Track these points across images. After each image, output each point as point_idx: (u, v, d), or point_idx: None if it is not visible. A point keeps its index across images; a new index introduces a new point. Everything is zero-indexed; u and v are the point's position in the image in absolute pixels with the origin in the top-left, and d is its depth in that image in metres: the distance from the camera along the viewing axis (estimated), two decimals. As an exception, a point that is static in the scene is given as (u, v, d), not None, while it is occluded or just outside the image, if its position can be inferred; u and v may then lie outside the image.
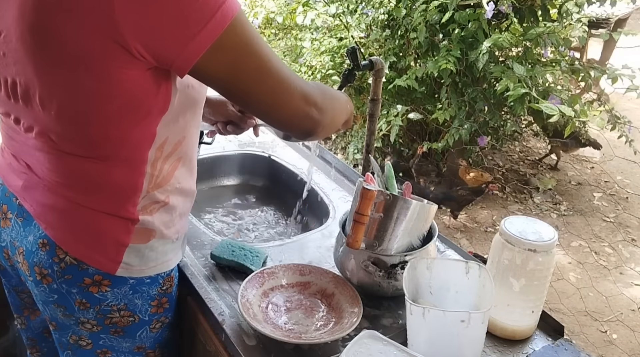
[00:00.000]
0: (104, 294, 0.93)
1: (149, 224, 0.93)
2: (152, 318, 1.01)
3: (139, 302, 0.97)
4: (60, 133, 0.85)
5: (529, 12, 2.87)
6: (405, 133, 3.36)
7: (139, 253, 0.93)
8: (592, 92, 3.21)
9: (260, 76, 0.79)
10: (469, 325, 0.84)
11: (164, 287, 1.00)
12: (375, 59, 1.43)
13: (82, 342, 1.00)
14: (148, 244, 0.94)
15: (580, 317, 2.49)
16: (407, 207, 1.01)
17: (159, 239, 0.95)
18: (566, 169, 3.86)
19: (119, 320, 0.97)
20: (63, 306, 0.95)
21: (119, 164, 0.87)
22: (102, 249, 0.91)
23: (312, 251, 1.21)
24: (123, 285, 0.94)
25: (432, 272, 0.97)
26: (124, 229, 0.91)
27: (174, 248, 1.00)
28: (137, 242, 0.93)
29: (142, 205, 0.91)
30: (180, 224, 1.00)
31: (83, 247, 0.91)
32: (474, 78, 2.92)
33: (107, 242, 0.91)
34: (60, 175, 0.89)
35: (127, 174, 0.88)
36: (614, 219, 3.32)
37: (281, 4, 3.76)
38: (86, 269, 0.91)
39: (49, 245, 0.91)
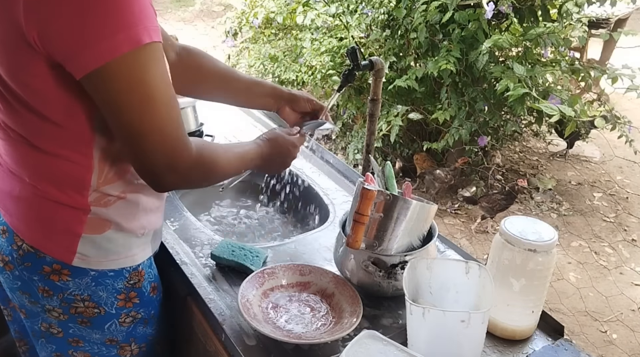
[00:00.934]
0: (65, 283, 0.93)
1: (103, 215, 0.92)
2: (120, 312, 1.00)
3: (103, 295, 0.96)
4: (5, 120, 0.87)
5: (529, 12, 2.87)
6: (405, 133, 3.36)
7: (95, 244, 0.92)
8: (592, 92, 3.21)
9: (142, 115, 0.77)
10: (469, 325, 0.84)
11: (132, 282, 0.99)
12: (375, 59, 1.44)
13: (52, 329, 1.00)
14: (104, 235, 0.93)
15: (580, 317, 2.49)
16: (407, 207, 1.01)
17: (117, 231, 0.94)
18: (566, 169, 3.86)
19: (84, 310, 0.96)
20: (27, 293, 0.95)
21: (63, 158, 0.87)
22: (56, 238, 0.91)
23: (312, 251, 1.21)
24: (84, 276, 0.93)
25: (432, 272, 0.97)
26: (76, 218, 0.90)
27: (139, 243, 0.99)
28: (90, 233, 0.92)
29: (93, 197, 0.90)
30: (147, 219, 0.99)
31: (38, 236, 0.91)
32: (474, 78, 2.92)
33: (60, 231, 0.91)
34: (14, 161, 0.91)
35: (72, 169, 0.88)
36: (614, 219, 3.32)
37: (281, 4, 3.76)
38: (43, 257, 0.91)
39: (8, 232, 0.93)
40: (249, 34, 4.17)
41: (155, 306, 1.07)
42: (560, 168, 3.88)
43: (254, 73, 3.98)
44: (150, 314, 1.06)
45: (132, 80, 0.75)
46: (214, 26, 4.66)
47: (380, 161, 3.50)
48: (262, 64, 3.79)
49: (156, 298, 1.06)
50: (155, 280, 1.06)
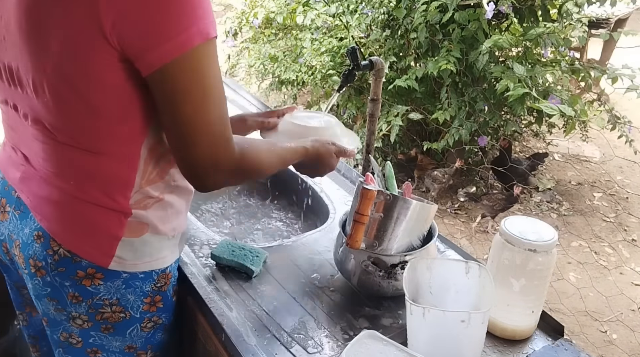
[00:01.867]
0: (96, 287, 0.93)
1: (143, 218, 0.93)
2: (144, 316, 1.00)
3: (131, 298, 0.96)
4: (52, 122, 0.86)
5: (529, 12, 2.87)
6: (405, 133, 3.36)
7: (132, 247, 0.93)
8: (592, 92, 3.21)
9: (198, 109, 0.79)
10: (469, 325, 0.84)
11: (158, 285, 0.99)
12: (375, 59, 1.43)
13: (72, 339, 0.99)
14: (141, 238, 0.94)
15: (580, 317, 2.49)
16: (407, 207, 1.01)
17: (153, 234, 0.95)
18: (566, 169, 3.86)
19: (110, 315, 0.96)
20: (55, 299, 0.95)
21: (111, 157, 0.87)
22: (95, 242, 0.91)
23: (312, 251, 1.21)
24: (116, 279, 0.94)
25: (432, 272, 0.97)
26: (116, 222, 0.91)
27: (169, 245, 1.00)
28: (130, 236, 0.92)
29: (135, 199, 0.91)
30: (177, 221, 1.00)
31: (76, 240, 0.91)
32: (474, 78, 2.92)
33: (100, 235, 0.91)
34: (55, 166, 0.90)
35: (119, 168, 0.88)
36: (614, 219, 3.32)
37: (281, 4, 3.76)
38: (79, 262, 0.91)
39: (44, 237, 0.91)
40: (249, 34, 4.18)
41: (173, 312, 1.07)
42: (560, 168, 3.88)
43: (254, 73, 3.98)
44: (170, 319, 1.06)
45: (197, 74, 0.77)
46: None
47: (380, 161, 3.50)
48: (262, 64, 3.79)
49: (175, 303, 1.06)
50: (177, 283, 1.06)
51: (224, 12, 6.22)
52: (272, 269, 1.15)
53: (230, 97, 1.96)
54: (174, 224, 0.99)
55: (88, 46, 0.76)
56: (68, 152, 0.87)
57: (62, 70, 0.79)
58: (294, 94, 3.96)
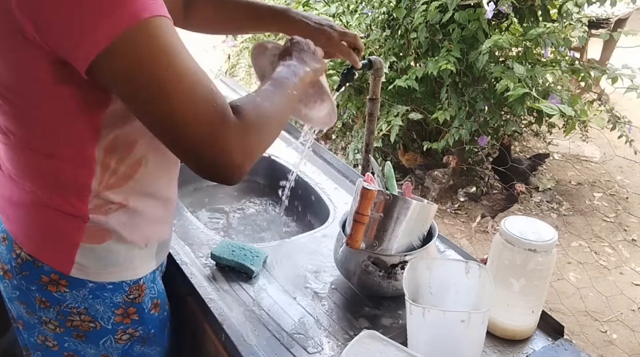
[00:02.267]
0: (62, 295, 0.89)
1: (103, 224, 0.87)
2: (117, 328, 0.95)
3: (100, 308, 0.92)
4: (4, 124, 0.83)
5: (529, 12, 2.87)
6: (405, 133, 3.36)
7: (94, 254, 0.88)
8: (592, 92, 3.21)
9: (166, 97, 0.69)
10: (469, 325, 0.84)
11: (131, 296, 0.94)
12: (374, 59, 1.43)
13: (48, 343, 0.96)
14: (103, 245, 0.88)
15: (580, 317, 2.49)
16: (407, 207, 1.01)
17: (117, 242, 0.89)
18: (566, 169, 3.86)
19: (79, 324, 0.92)
20: (25, 303, 0.92)
21: (64, 160, 0.83)
22: (54, 247, 0.88)
23: (312, 251, 1.21)
24: (81, 287, 0.89)
25: (432, 272, 0.97)
26: (75, 227, 0.87)
27: (141, 255, 0.94)
28: (89, 242, 0.87)
29: (94, 204, 0.86)
30: (151, 230, 0.94)
31: (36, 244, 0.88)
32: (474, 78, 2.92)
33: (59, 240, 0.88)
34: (15, 167, 0.87)
35: (74, 172, 0.83)
36: (614, 219, 3.32)
37: (281, 4, 3.76)
38: (41, 267, 0.88)
39: (8, 239, 0.90)
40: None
41: (156, 325, 1.00)
42: (560, 168, 3.88)
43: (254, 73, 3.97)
44: (150, 333, 0.99)
45: (141, 57, 0.68)
46: (214, 26, 4.67)
47: (380, 161, 3.50)
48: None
49: (158, 317, 1.00)
50: (159, 297, 1.00)
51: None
52: (272, 269, 1.15)
53: (230, 97, 1.96)
54: (146, 233, 0.92)
55: (15, 51, 0.72)
56: (25, 155, 0.84)
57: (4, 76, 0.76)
58: (294, 94, 3.95)
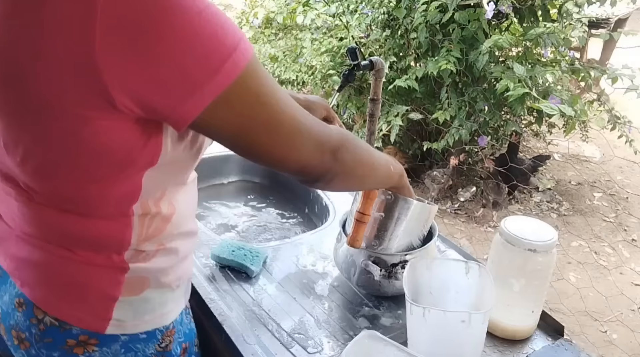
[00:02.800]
0: (90, 354, 0.80)
1: (143, 272, 0.80)
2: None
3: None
4: (27, 182, 0.74)
5: (529, 12, 2.87)
6: (405, 133, 3.36)
7: (132, 307, 0.80)
8: (592, 92, 3.21)
9: (271, 127, 0.70)
10: (470, 325, 0.84)
11: (163, 344, 0.86)
12: (375, 59, 1.44)
13: None
14: (142, 295, 0.81)
15: (580, 317, 2.49)
16: (407, 207, 1.01)
17: (155, 288, 0.82)
18: (566, 169, 3.86)
19: None
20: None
21: (100, 219, 0.75)
22: (88, 306, 0.78)
23: (312, 251, 1.21)
24: (114, 343, 0.80)
25: (432, 272, 0.97)
26: (112, 280, 0.78)
27: (174, 297, 0.86)
28: (128, 295, 0.79)
29: (130, 255, 0.79)
30: (182, 268, 0.88)
31: (65, 305, 0.78)
32: (474, 78, 2.92)
33: (94, 297, 0.78)
34: (34, 227, 0.78)
35: (110, 228, 0.76)
36: (614, 219, 3.32)
37: (281, 4, 3.77)
38: (69, 330, 0.78)
39: (26, 304, 0.79)
40: (249, 34, 4.18)
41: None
42: (560, 168, 3.88)
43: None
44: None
45: (249, 101, 0.67)
46: (214, 26, 4.68)
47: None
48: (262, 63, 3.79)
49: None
50: (186, 339, 0.91)
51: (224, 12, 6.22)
52: (272, 269, 1.15)
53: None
54: (179, 272, 0.86)
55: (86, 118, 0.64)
56: (50, 214, 0.75)
57: (43, 132, 0.67)
58: (294, 94, 3.95)
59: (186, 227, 0.87)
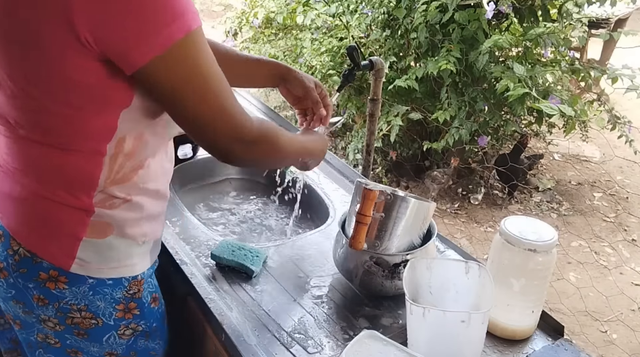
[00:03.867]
0: (61, 291, 0.89)
1: (107, 218, 0.88)
2: (119, 323, 0.94)
3: (101, 305, 0.91)
4: (15, 117, 0.83)
5: (529, 12, 2.87)
6: (405, 133, 3.36)
7: (96, 249, 0.88)
8: (592, 92, 3.21)
9: (199, 97, 0.79)
10: (469, 325, 0.84)
11: (131, 292, 0.94)
12: (375, 59, 1.44)
13: (49, 340, 0.95)
14: (105, 240, 0.89)
15: (580, 317, 2.49)
16: (406, 205, 1.01)
17: (119, 236, 0.90)
18: (566, 169, 3.86)
19: (80, 321, 0.91)
20: (22, 302, 0.91)
21: (76, 153, 0.84)
22: (56, 241, 0.87)
23: (312, 251, 1.21)
24: (82, 284, 0.89)
25: (432, 272, 0.97)
26: (78, 220, 0.87)
27: (139, 252, 0.94)
28: (92, 237, 0.88)
29: (99, 198, 0.87)
30: (150, 227, 0.95)
31: (36, 238, 0.87)
32: (474, 78, 2.91)
33: (61, 234, 0.87)
34: (17, 161, 0.87)
35: (83, 164, 0.84)
36: (614, 219, 3.32)
37: (281, 3, 3.76)
38: (40, 263, 0.87)
39: (4, 236, 0.88)
40: (249, 34, 4.17)
41: (157, 318, 1.01)
42: (560, 168, 3.88)
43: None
44: (152, 326, 1.00)
45: (188, 65, 0.76)
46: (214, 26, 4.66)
47: (380, 161, 3.50)
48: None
49: (157, 310, 1.01)
50: (156, 291, 1.01)
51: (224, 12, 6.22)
52: (272, 269, 1.15)
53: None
54: (145, 229, 0.94)
55: (62, 50, 0.74)
56: (32, 148, 0.84)
57: (28, 66, 0.77)
58: (294, 94, 3.95)
59: (153, 186, 0.93)
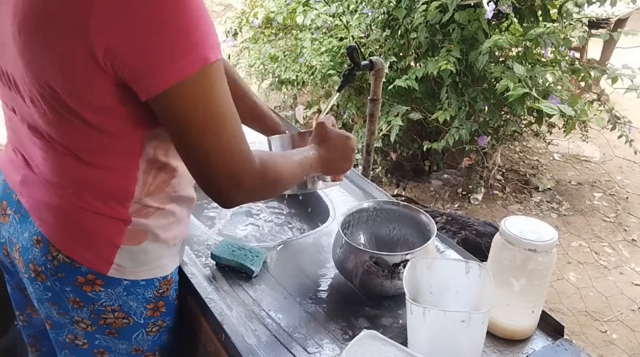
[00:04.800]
0: (97, 294, 0.93)
1: (142, 226, 0.93)
2: (148, 321, 1.00)
3: (133, 305, 0.97)
4: (49, 132, 0.86)
5: (529, 12, 2.87)
6: (405, 133, 3.36)
7: (131, 255, 0.93)
8: (592, 92, 3.21)
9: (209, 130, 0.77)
10: (469, 325, 0.84)
11: (161, 291, 1.00)
12: (375, 59, 1.44)
13: (78, 341, 0.99)
14: (141, 246, 0.94)
15: (580, 317, 2.49)
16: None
17: (152, 242, 0.95)
18: (566, 169, 3.86)
19: (113, 321, 0.96)
20: (57, 304, 0.95)
21: (110, 170, 0.88)
22: (94, 249, 0.91)
23: (311, 251, 1.21)
24: (117, 286, 0.94)
25: (432, 271, 0.97)
26: (116, 229, 0.91)
27: (171, 253, 1.00)
28: (129, 244, 0.92)
29: (134, 208, 0.91)
30: (179, 229, 1.00)
31: (75, 246, 0.91)
32: (474, 78, 2.91)
33: (99, 242, 0.91)
34: (53, 173, 0.90)
35: (118, 181, 0.88)
36: (614, 219, 3.32)
37: (281, 3, 3.76)
38: (79, 268, 0.91)
39: (43, 242, 0.91)
40: (249, 34, 4.17)
41: (177, 314, 1.07)
42: (560, 168, 3.88)
43: (254, 73, 3.98)
44: (174, 322, 1.06)
45: (199, 99, 0.76)
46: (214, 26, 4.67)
47: (380, 161, 3.50)
48: (262, 64, 3.78)
49: (178, 306, 1.07)
50: (178, 288, 1.06)
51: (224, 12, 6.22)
52: (272, 269, 1.15)
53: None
54: (175, 232, 0.99)
55: (80, 70, 0.75)
56: (66, 161, 0.87)
57: (55, 89, 0.79)
58: (294, 94, 3.96)
59: (184, 192, 0.98)
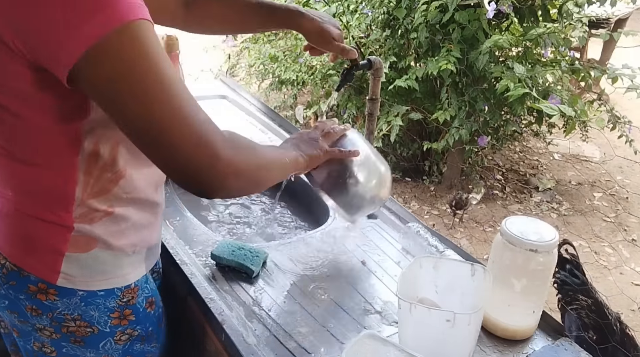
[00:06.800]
0: (53, 303, 0.87)
1: (88, 232, 0.85)
2: (115, 330, 0.93)
3: (95, 314, 0.89)
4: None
5: (529, 12, 2.87)
6: (405, 133, 3.36)
7: (80, 263, 0.86)
8: (592, 92, 3.21)
9: (149, 102, 0.67)
10: (454, 325, 0.84)
11: (125, 300, 0.92)
12: (373, 59, 1.43)
13: (45, 349, 0.93)
14: (90, 254, 0.86)
15: (581, 317, 2.48)
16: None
17: (104, 250, 0.87)
18: (566, 169, 3.86)
19: (76, 329, 0.90)
20: (16, 312, 0.90)
21: (46, 169, 0.80)
22: (39, 257, 0.85)
23: (312, 251, 1.21)
24: (72, 296, 0.87)
25: (438, 271, 0.98)
26: (58, 236, 0.84)
27: (131, 262, 0.92)
28: (75, 251, 0.85)
29: (78, 212, 0.83)
30: (139, 236, 0.91)
31: (20, 254, 0.86)
32: (474, 78, 2.91)
33: (43, 250, 0.85)
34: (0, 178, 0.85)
35: (56, 181, 0.81)
36: (614, 219, 3.32)
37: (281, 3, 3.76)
38: (27, 276, 0.85)
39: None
40: (249, 34, 4.17)
41: (153, 322, 0.99)
42: (560, 168, 3.88)
43: (254, 73, 3.98)
44: (148, 330, 0.98)
45: (127, 62, 0.66)
46: (214, 26, 4.67)
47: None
48: (262, 63, 3.78)
49: (154, 314, 0.99)
50: (152, 294, 0.98)
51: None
52: (272, 269, 1.15)
53: (230, 97, 1.96)
54: (133, 239, 0.90)
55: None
56: (8, 164, 0.82)
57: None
58: (294, 94, 3.96)
59: (141, 194, 0.89)
